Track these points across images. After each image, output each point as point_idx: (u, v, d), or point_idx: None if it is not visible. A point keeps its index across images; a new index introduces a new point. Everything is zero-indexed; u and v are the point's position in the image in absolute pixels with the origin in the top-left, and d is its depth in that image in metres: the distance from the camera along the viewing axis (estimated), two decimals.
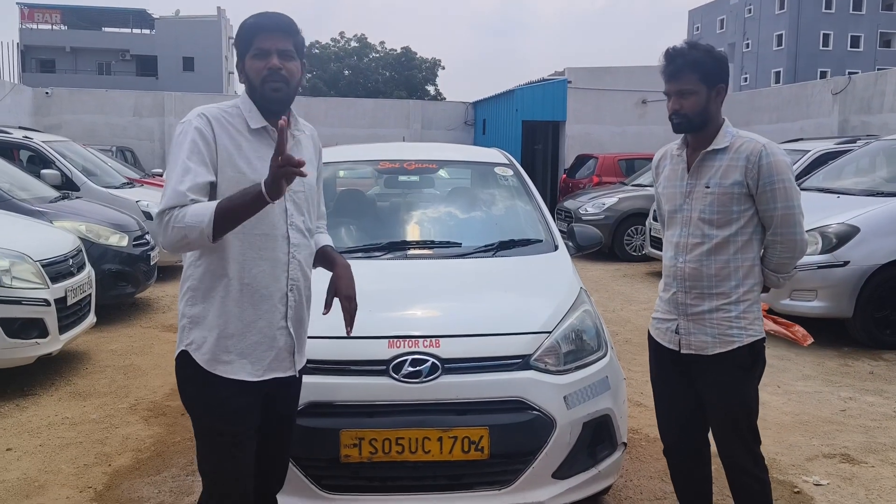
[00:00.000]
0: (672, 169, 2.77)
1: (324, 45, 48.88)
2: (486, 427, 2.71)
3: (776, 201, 2.57)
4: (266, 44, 2.20)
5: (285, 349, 2.31)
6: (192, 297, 2.26)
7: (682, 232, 2.69)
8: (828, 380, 5.49)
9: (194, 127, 2.19)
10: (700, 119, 2.61)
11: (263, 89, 2.21)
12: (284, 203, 2.25)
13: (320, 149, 2.53)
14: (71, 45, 53.76)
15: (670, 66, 2.61)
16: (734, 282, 2.62)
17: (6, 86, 20.36)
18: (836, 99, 16.00)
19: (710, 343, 2.63)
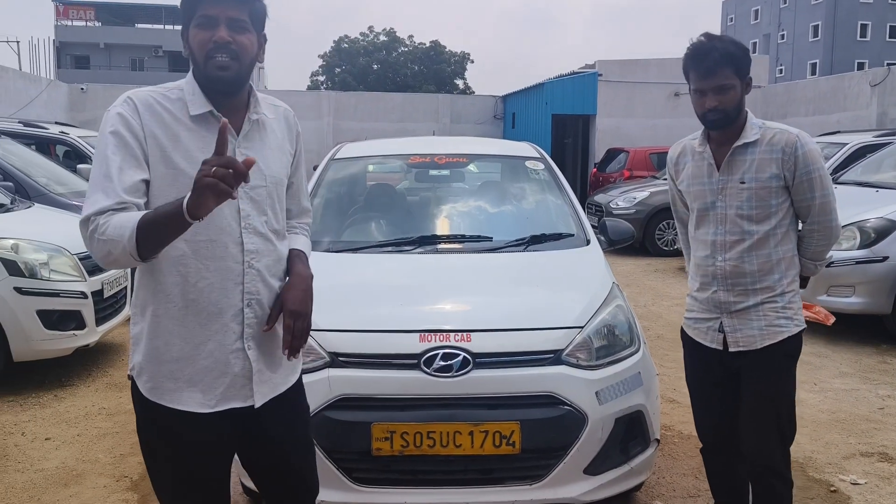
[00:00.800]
0: (695, 166, 2.70)
1: (353, 39, 49.02)
2: (517, 422, 2.71)
3: (814, 191, 2.54)
4: (212, 10, 1.81)
5: (241, 375, 1.93)
6: (134, 313, 1.95)
7: (717, 230, 2.63)
8: (865, 377, 5.39)
9: (116, 113, 1.82)
10: (736, 113, 2.55)
11: (207, 66, 1.83)
12: (237, 202, 1.87)
13: (298, 131, 2.14)
14: (105, 42, 54.56)
15: (705, 62, 2.50)
16: (777, 274, 2.59)
17: (42, 82, 20.73)
18: (875, 91, 15.68)
19: (759, 336, 2.59)
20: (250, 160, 1.60)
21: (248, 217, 1.90)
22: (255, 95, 1.95)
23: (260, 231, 1.93)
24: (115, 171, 1.77)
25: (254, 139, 1.94)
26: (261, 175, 1.91)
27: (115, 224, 1.71)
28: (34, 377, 5.11)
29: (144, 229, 1.69)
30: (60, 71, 48.48)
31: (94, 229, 1.74)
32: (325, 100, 23.67)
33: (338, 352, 2.83)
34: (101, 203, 1.74)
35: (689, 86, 2.60)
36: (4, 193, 5.89)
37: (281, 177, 2.02)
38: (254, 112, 1.94)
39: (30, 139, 9.29)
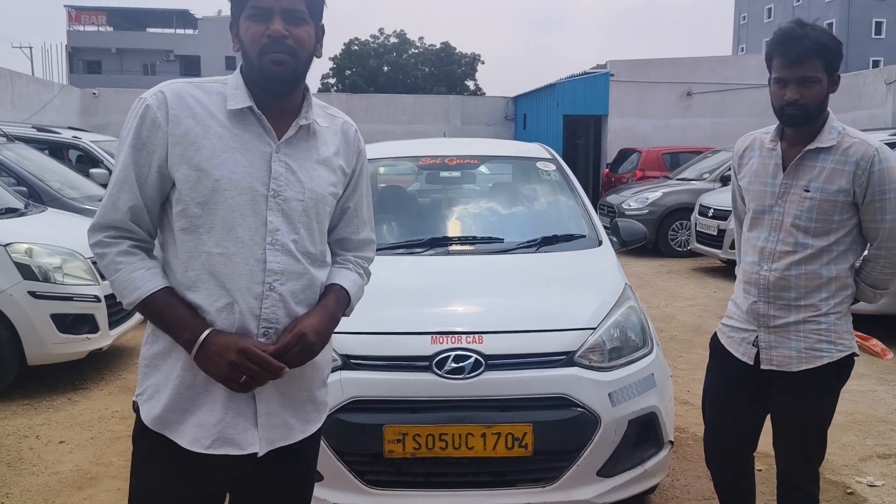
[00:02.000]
0: (762, 163, 2.47)
1: (363, 41, 49.10)
2: (529, 424, 2.69)
3: (885, 213, 2.29)
4: (266, 1, 1.63)
5: (244, 415, 1.68)
6: (154, 331, 1.72)
7: (769, 236, 2.42)
8: (882, 378, 5.33)
9: (143, 107, 1.65)
10: (817, 111, 2.32)
11: (262, 62, 1.64)
12: (265, 212, 1.66)
13: (360, 148, 1.89)
14: (116, 47, 55.02)
15: (794, 50, 2.26)
16: (825, 293, 2.36)
17: (55, 87, 20.90)
18: (890, 89, 15.55)
19: (795, 358, 2.39)
20: (281, 366, 1.62)
21: (277, 232, 1.67)
22: (309, 99, 1.76)
23: (289, 250, 1.69)
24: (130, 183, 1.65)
25: (298, 146, 1.73)
26: (298, 187, 1.70)
27: (124, 277, 1.65)
28: (48, 381, 5.14)
29: (147, 311, 1.66)
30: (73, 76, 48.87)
31: (102, 253, 1.68)
32: (335, 102, 23.67)
33: (350, 354, 2.82)
34: (112, 219, 1.67)
35: (770, 74, 2.36)
36: (18, 198, 5.94)
37: (324, 194, 1.75)
38: (303, 117, 1.74)
39: (43, 144, 9.35)
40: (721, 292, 8.60)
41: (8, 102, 17.04)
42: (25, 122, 12.74)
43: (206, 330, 1.62)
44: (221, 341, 1.61)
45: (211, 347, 1.60)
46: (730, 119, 19.15)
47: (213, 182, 1.63)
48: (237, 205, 1.64)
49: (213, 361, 1.60)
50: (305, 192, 1.71)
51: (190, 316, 1.63)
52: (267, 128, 1.69)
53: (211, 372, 1.62)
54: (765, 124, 2.63)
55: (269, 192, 1.66)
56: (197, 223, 1.65)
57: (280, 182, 1.68)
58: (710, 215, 9.85)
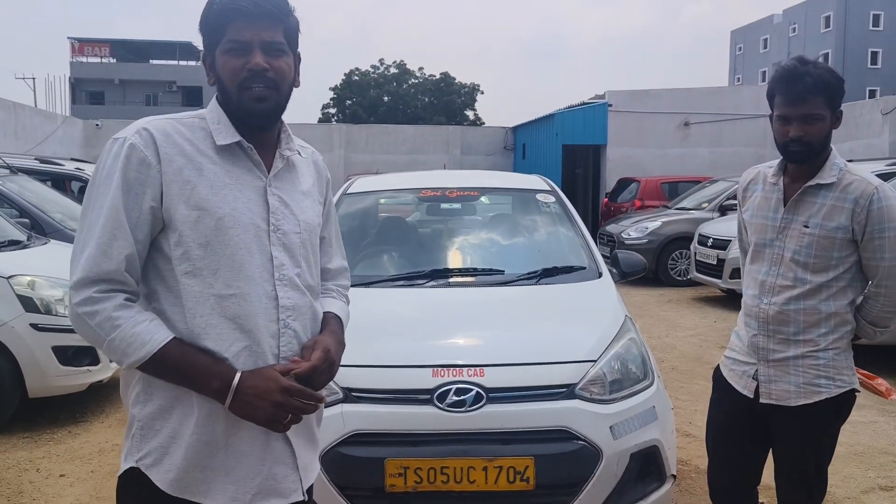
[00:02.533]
0: (764, 197, 2.50)
1: (363, 71, 49.60)
2: (531, 457, 2.69)
3: (884, 251, 2.30)
4: (245, 33, 1.57)
5: (282, 461, 1.64)
6: (144, 389, 1.59)
7: (769, 270, 2.44)
8: (883, 409, 5.32)
9: (128, 146, 1.54)
10: (820, 148, 2.33)
11: (242, 98, 1.59)
12: (269, 247, 1.62)
13: (327, 177, 1.89)
14: (119, 78, 55.52)
15: (796, 88, 2.28)
16: (824, 329, 2.37)
17: (58, 118, 21.08)
18: (887, 119, 15.67)
19: (794, 393, 2.40)
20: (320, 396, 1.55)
21: (283, 267, 1.64)
22: (286, 130, 1.73)
23: (296, 283, 1.66)
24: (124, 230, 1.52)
25: (285, 179, 1.70)
26: (294, 220, 1.67)
27: (127, 332, 1.49)
28: (48, 413, 5.12)
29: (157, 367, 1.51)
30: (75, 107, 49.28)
31: (91, 312, 1.50)
32: (336, 132, 23.92)
33: (351, 387, 2.83)
34: (102, 266, 1.51)
35: (773, 111, 2.39)
36: (21, 230, 5.97)
37: (314, 224, 1.75)
38: (286, 148, 1.71)
39: (45, 175, 9.42)
40: (722, 322, 8.60)
41: (11, 134, 17.17)
42: (28, 154, 12.83)
43: (236, 375, 1.52)
44: (258, 384, 1.52)
45: (248, 392, 1.51)
46: (727, 149, 19.29)
47: (216, 221, 1.56)
48: (243, 242, 1.58)
49: (253, 405, 1.51)
50: (301, 225, 1.69)
51: (213, 362, 1.53)
52: (257, 161, 1.65)
53: (253, 417, 1.53)
54: (761, 154, 2.68)
55: (270, 226, 1.63)
56: (200, 265, 1.56)
57: (278, 216, 1.64)
58: (709, 245, 9.88)
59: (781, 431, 2.47)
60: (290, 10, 1.64)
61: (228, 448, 1.58)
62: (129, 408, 1.62)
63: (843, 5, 57.97)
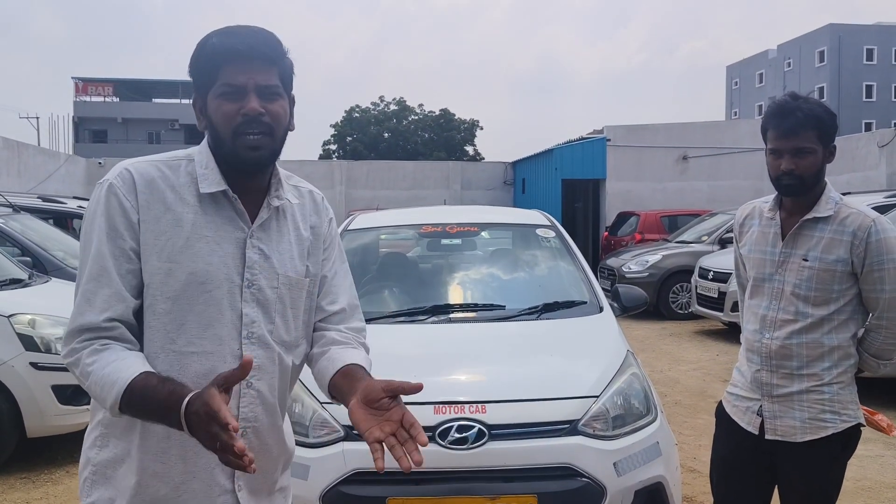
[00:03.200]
0: (761, 232, 2.50)
1: (364, 108, 50.06)
2: (534, 495, 2.66)
3: (884, 283, 2.30)
4: (240, 77, 1.50)
5: None
6: (103, 434, 1.55)
7: (770, 305, 2.43)
8: (889, 443, 5.27)
9: (109, 188, 1.50)
10: (813, 181, 2.34)
11: (236, 145, 1.51)
12: (240, 303, 1.54)
13: (330, 216, 1.79)
14: (122, 116, 56.04)
15: (787, 121, 2.31)
16: (827, 363, 2.36)
17: (61, 157, 21.25)
18: (883, 151, 15.78)
19: (800, 428, 2.37)
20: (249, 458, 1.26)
21: (253, 325, 1.55)
22: (277, 175, 1.63)
23: (266, 342, 1.57)
24: (107, 278, 1.47)
25: (270, 229, 1.61)
26: (272, 273, 1.58)
27: (98, 376, 1.42)
28: (47, 453, 5.08)
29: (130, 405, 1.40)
30: (78, 145, 49.61)
31: (73, 362, 1.47)
32: (337, 169, 24.06)
33: (351, 425, 2.80)
34: (86, 317, 1.47)
35: (766, 146, 2.41)
36: (22, 268, 5.97)
37: (298, 277, 1.64)
38: (275, 197, 1.61)
39: (48, 214, 9.46)
40: (724, 355, 8.56)
41: (15, 173, 17.27)
42: (31, 192, 12.92)
43: (183, 403, 1.33)
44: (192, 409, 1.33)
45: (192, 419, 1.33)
46: (725, 182, 19.39)
47: (188, 275, 1.48)
48: (214, 299, 1.50)
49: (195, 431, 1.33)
50: (279, 279, 1.59)
51: (168, 394, 1.37)
52: (240, 211, 1.56)
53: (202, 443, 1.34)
54: (759, 187, 2.69)
55: (244, 282, 1.54)
56: (165, 320, 1.49)
57: (254, 270, 1.55)
58: (710, 277, 9.88)
59: (788, 468, 2.43)
60: (284, 52, 1.57)
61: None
62: (86, 450, 1.58)
63: (837, 40, 58.74)
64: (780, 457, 2.44)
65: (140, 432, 1.51)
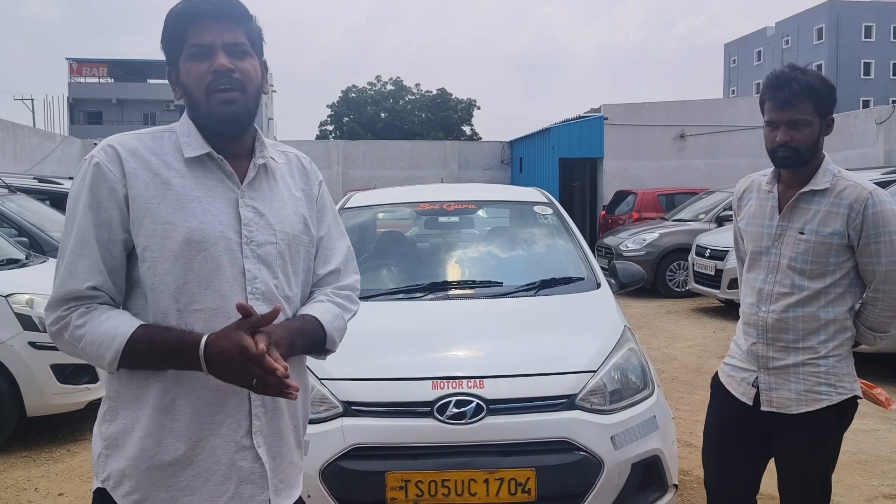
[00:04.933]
0: (759, 205, 2.49)
1: (360, 88, 49.81)
2: (532, 468, 2.68)
3: (881, 255, 2.29)
4: (206, 36, 1.55)
5: (251, 481, 1.59)
6: (111, 408, 1.58)
7: (767, 278, 2.43)
8: (885, 417, 5.30)
9: (94, 165, 1.54)
10: (810, 153, 2.33)
11: (210, 103, 1.56)
12: (241, 260, 1.58)
13: (319, 178, 1.84)
14: (117, 97, 55.71)
15: (783, 93, 2.29)
16: (823, 336, 2.36)
17: (56, 138, 21.13)
18: (881, 128, 15.75)
19: (795, 400, 2.38)
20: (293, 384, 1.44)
21: (256, 280, 1.59)
22: (260, 139, 1.69)
23: (270, 297, 1.61)
24: (89, 248, 1.52)
25: (261, 188, 1.65)
26: (269, 230, 1.62)
27: (93, 335, 1.48)
28: (47, 432, 5.10)
29: (133, 356, 1.48)
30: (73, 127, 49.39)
31: (63, 326, 1.51)
32: (333, 149, 23.99)
33: (351, 401, 2.82)
34: (72, 289, 1.51)
35: (764, 117, 2.39)
36: (20, 249, 5.96)
37: (296, 233, 1.68)
38: (259, 156, 1.66)
39: (44, 195, 9.44)
40: (721, 332, 8.60)
41: (10, 154, 17.19)
42: (27, 174, 12.86)
43: (202, 341, 1.46)
44: (221, 348, 1.45)
45: (216, 357, 1.45)
46: (723, 160, 19.35)
47: (184, 235, 1.52)
48: (212, 257, 1.54)
49: (229, 372, 1.45)
50: (277, 235, 1.64)
51: (180, 338, 1.48)
52: (228, 172, 1.61)
53: (233, 382, 1.48)
54: (757, 165, 2.66)
55: (243, 238, 1.58)
56: (168, 280, 1.53)
57: (251, 227, 1.60)
58: (707, 255, 9.89)
59: (783, 440, 2.45)
60: (250, 15, 1.62)
61: (193, 467, 1.55)
62: (98, 425, 1.61)
63: (835, 17, 58.40)
64: (774, 429, 2.45)
65: (152, 394, 1.53)
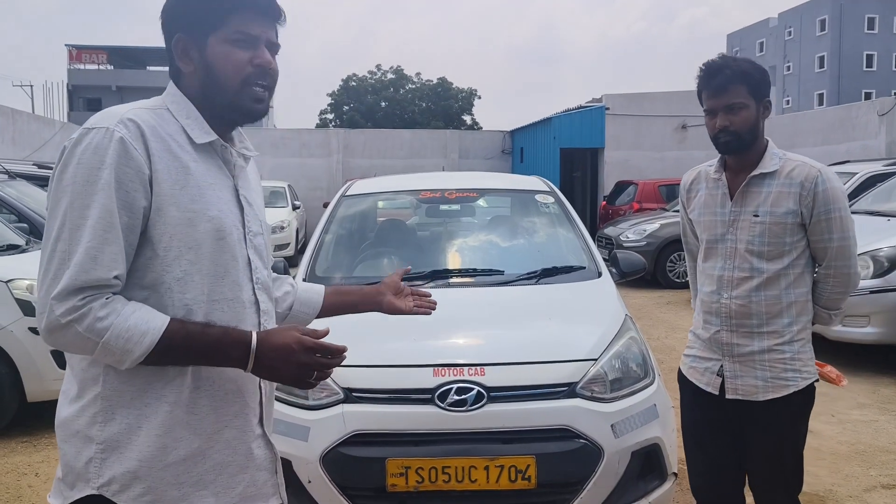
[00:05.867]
0: (709, 194, 2.52)
1: (360, 77, 49.62)
2: (532, 456, 2.69)
3: (832, 232, 2.35)
4: (255, 27, 1.50)
5: (264, 467, 1.59)
6: (105, 408, 1.43)
7: (725, 265, 2.45)
8: (883, 408, 5.32)
9: (117, 140, 1.39)
10: (750, 136, 2.36)
11: (242, 94, 1.51)
12: (246, 251, 1.56)
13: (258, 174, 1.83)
14: (117, 84, 55.49)
15: (716, 79, 2.35)
16: (787, 319, 2.39)
17: (56, 125, 21.09)
18: (883, 120, 15.70)
19: (761, 387, 2.39)
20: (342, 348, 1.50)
21: (257, 270, 1.58)
22: (240, 132, 1.66)
23: (266, 286, 1.63)
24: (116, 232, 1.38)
25: (247, 178, 1.64)
26: (257, 220, 1.61)
27: (120, 328, 1.36)
28: (47, 417, 5.09)
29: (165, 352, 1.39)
30: (73, 114, 49.21)
31: (76, 318, 1.34)
32: (333, 137, 23.90)
33: (351, 387, 2.82)
34: (93, 273, 1.36)
35: (703, 107, 2.45)
36: (20, 235, 5.95)
37: (270, 224, 1.71)
38: (243, 147, 1.64)
39: (44, 181, 9.39)
40: None
41: (9, 140, 17.15)
42: (26, 160, 12.82)
43: (252, 337, 1.45)
44: (279, 344, 1.45)
45: (269, 353, 1.45)
46: None
47: (206, 223, 1.46)
48: (228, 246, 1.51)
49: (276, 367, 1.46)
50: (262, 225, 1.65)
51: (224, 331, 1.45)
52: (227, 160, 1.58)
53: (278, 377, 1.50)
54: None
55: (245, 229, 1.57)
56: (191, 270, 1.46)
57: (249, 217, 1.58)
58: None
59: (753, 428, 2.45)
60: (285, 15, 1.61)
61: (207, 460, 1.49)
62: (84, 429, 1.43)
63: (838, 9, 58.18)
64: (743, 416, 2.45)
65: (171, 388, 1.45)
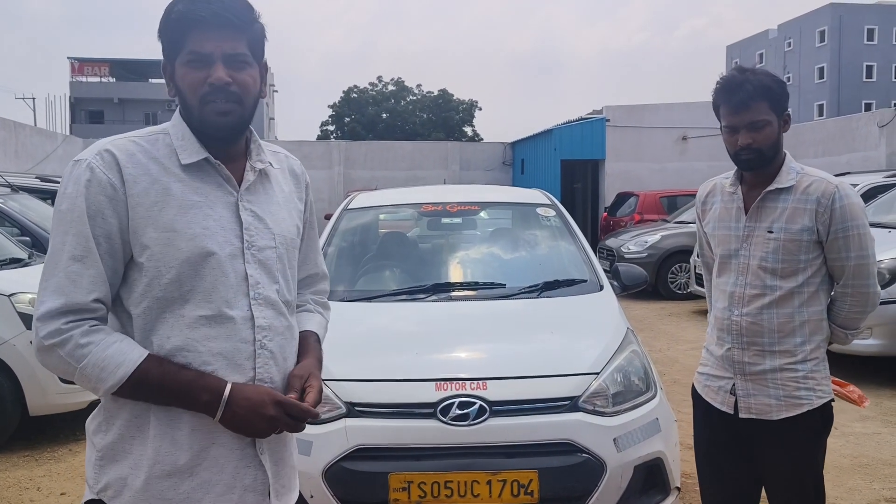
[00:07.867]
0: (724, 208, 2.46)
1: (362, 89, 49.83)
2: (535, 470, 2.69)
3: (849, 250, 2.27)
4: (205, 45, 1.49)
5: (254, 490, 1.56)
6: (106, 418, 1.53)
7: (737, 280, 2.38)
8: (886, 420, 5.31)
9: (88, 169, 1.47)
10: (772, 152, 2.30)
11: (204, 113, 1.52)
12: (243, 266, 1.55)
13: (307, 181, 1.82)
14: (119, 97, 55.68)
15: (737, 95, 2.27)
16: (799, 338, 2.32)
17: (58, 137, 21.18)
18: (884, 131, 15.73)
19: (775, 406, 2.32)
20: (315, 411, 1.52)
21: (258, 285, 1.57)
22: (255, 140, 1.65)
23: (272, 302, 1.59)
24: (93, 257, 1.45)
25: (258, 192, 1.63)
26: (269, 234, 1.60)
27: (97, 357, 1.42)
28: (49, 431, 5.11)
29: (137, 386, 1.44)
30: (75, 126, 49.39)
31: (59, 343, 1.42)
32: (335, 149, 23.98)
33: (354, 401, 2.83)
34: (72, 297, 1.43)
35: (720, 123, 2.37)
36: (22, 248, 5.96)
37: (292, 237, 1.68)
38: (257, 160, 1.63)
39: (46, 194, 9.42)
40: None
41: (12, 153, 17.22)
42: (29, 173, 12.86)
43: (226, 387, 1.47)
44: (252, 396, 1.48)
45: (241, 404, 1.47)
46: (725, 162, 18.24)
47: (188, 242, 1.48)
48: (217, 262, 1.51)
49: (245, 419, 1.47)
50: (276, 238, 1.62)
51: (198, 376, 1.47)
52: (226, 176, 1.57)
53: (243, 430, 1.50)
54: None
55: (244, 244, 1.56)
56: (171, 289, 1.48)
57: (252, 232, 1.57)
58: None
59: (771, 448, 2.38)
60: (254, 18, 1.56)
61: (194, 478, 1.50)
62: (91, 436, 1.55)
63: (838, 20, 58.38)
64: (757, 436, 2.38)
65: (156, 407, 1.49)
